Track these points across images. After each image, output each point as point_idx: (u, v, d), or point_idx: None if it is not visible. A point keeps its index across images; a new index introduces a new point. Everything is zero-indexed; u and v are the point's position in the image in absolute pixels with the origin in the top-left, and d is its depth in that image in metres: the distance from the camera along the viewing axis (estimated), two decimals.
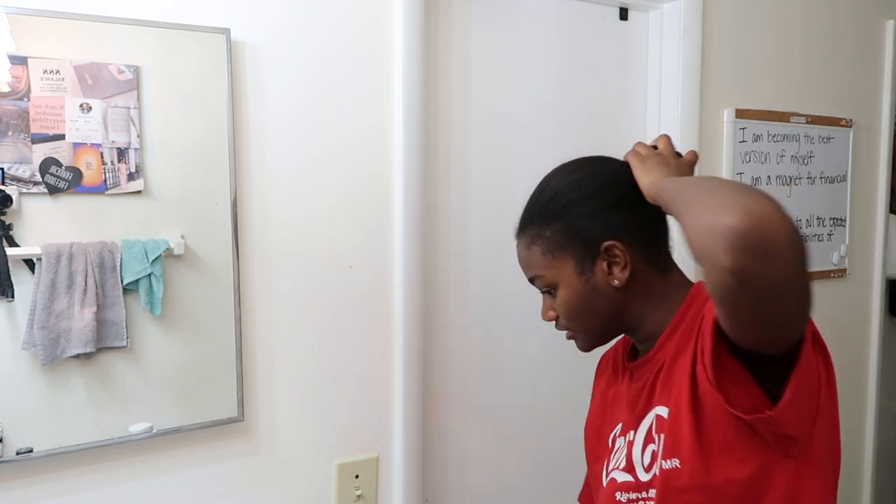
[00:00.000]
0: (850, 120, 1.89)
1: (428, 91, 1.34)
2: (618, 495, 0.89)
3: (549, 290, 0.92)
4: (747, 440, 0.76)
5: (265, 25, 1.19)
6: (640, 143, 0.95)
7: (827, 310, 1.91)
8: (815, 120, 1.82)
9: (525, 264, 0.94)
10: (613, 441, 0.97)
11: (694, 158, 0.97)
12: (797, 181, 1.82)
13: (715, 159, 1.68)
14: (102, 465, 1.12)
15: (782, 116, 1.76)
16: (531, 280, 0.94)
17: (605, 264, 0.88)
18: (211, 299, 1.17)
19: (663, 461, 0.80)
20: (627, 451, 0.90)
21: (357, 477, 1.32)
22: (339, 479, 1.31)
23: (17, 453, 1.04)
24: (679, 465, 0.78)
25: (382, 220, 1.31)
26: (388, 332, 1.33)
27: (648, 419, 0.87)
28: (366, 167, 1.29)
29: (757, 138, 1.73)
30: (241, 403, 1.20)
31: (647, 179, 0.86)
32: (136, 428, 1.12)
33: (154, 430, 1.13)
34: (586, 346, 0.96)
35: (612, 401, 1.01)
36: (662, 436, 0.82)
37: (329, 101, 1.25)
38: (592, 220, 0.88)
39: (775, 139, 1.76)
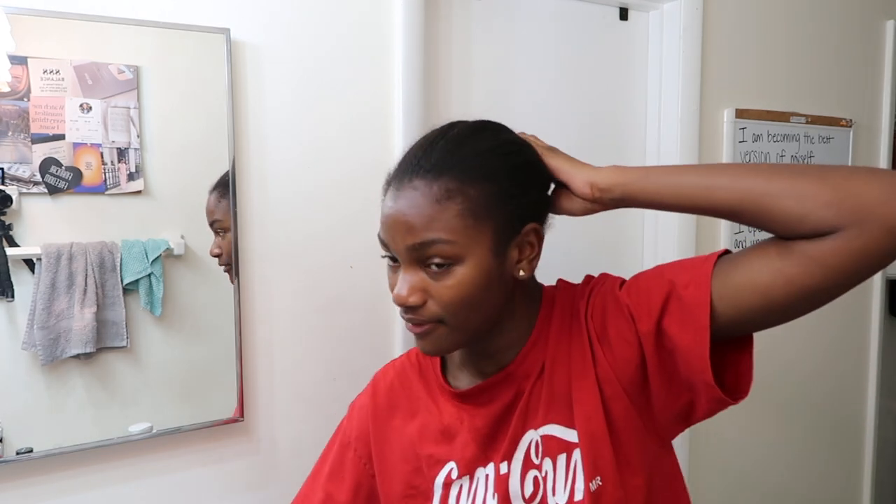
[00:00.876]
0: (850, 120, 1.89)
1: (428, 91, 1.34)
2: None
3: (443, 263, 0.71)
4: (648, 442, 0.77)
5: (265, 25, 1.19)
6: (535, 137, 0.83)
7: (827, 309, 1.90)
8: (814, 120, 1.82)
9: (423, 222, 0.71)
10: (445, 488, 0.82)
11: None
12: None
13: (715, 159, 1.68)
14: (102, 465, 1.12)
15: (782, 116, 1.76)
16: (416, 247, 0.71)
17: (517, 249, 0.75)
18: (211, 299, 1.17)
19: (589, 483, 0.73)
20: (495, 488, 0.78)
21: None
22: None
23: (17, 453, 1.04)
24: (601, 484, 0.73)
25: None
26: (388, 331, 1.33)
27: (525, 443, 0.78)
28: (366, 167, 1.29)
29: (757, 138, 1.73)
30: (241, 403, 1.20)
31: (597, 173, 0.76)
32: (136, 428, 1.12)
33: (154, 430, 1.13)
34: (445, 346, 0.76)
35: (423, 438, 0.85)
36: (564, 456, 0.76)
37: (329, 100, 1.25)
38: (525, 195, 0.76)
39: (775, 139, 1.76)
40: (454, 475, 0.81)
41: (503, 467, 0.78)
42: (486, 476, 0.80)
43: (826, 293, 0.67)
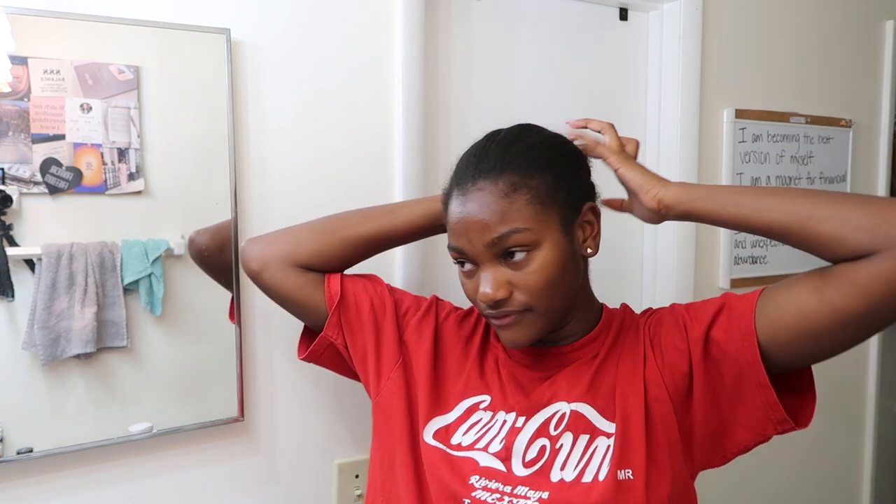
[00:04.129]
0: (850, 120, 1.89)
1: (428, 90, 1.34)
2: (473, 479, 0.80)
3: (522, 250, 0.77)
4: (681, 460, 0.81)
5: (265, 26, 1.19)
6: (614, 135, 0.92)
7: None
8: (814, 120, 1.82)
9: (497, 217, 0.77)
10: (469, 411, 0.88)
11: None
12: (797, 181, 1.82)
13: (715, 159, 1.68)
14: (102, 465, 1.12)
15: (782, 116, 1.76)
16: (495, 241, 0.77)
17: (580, 229, 0.83)
18: (211, 299, 1.17)
19: (617, 471, 0.77)
20: (504, 435, 0.83)
21: (357, 477, 1.32)
22: (339, 479, 1.31)
23: (17, 453, 1.04)
24: (631, 478, 0.77)
25: None
26: None
27: (550, 410, 0.83)
28: (366, 167, 1.29)
29: (757, 138, 1.73)
30: (241, 403, 1.20)
31: (665, 189, 0.82)
32: (136, 428, 1.12)
33: (154, 430, 1.14)
34: (532, 334, 0.81)
35: (474, 364, 0.92)
36: (587, 438, 0.80)
37: (329, 100, 1.25)
38: (577, 178, 0.84)
39: (775, 139, 1.76)
40: (482, 406, 0.87)
41: (519, 421, 0.83)
42: (504, 421, 0.85)
43: (864, 318, 0.69)
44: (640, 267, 1.68)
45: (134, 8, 1.09)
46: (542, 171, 0.79)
